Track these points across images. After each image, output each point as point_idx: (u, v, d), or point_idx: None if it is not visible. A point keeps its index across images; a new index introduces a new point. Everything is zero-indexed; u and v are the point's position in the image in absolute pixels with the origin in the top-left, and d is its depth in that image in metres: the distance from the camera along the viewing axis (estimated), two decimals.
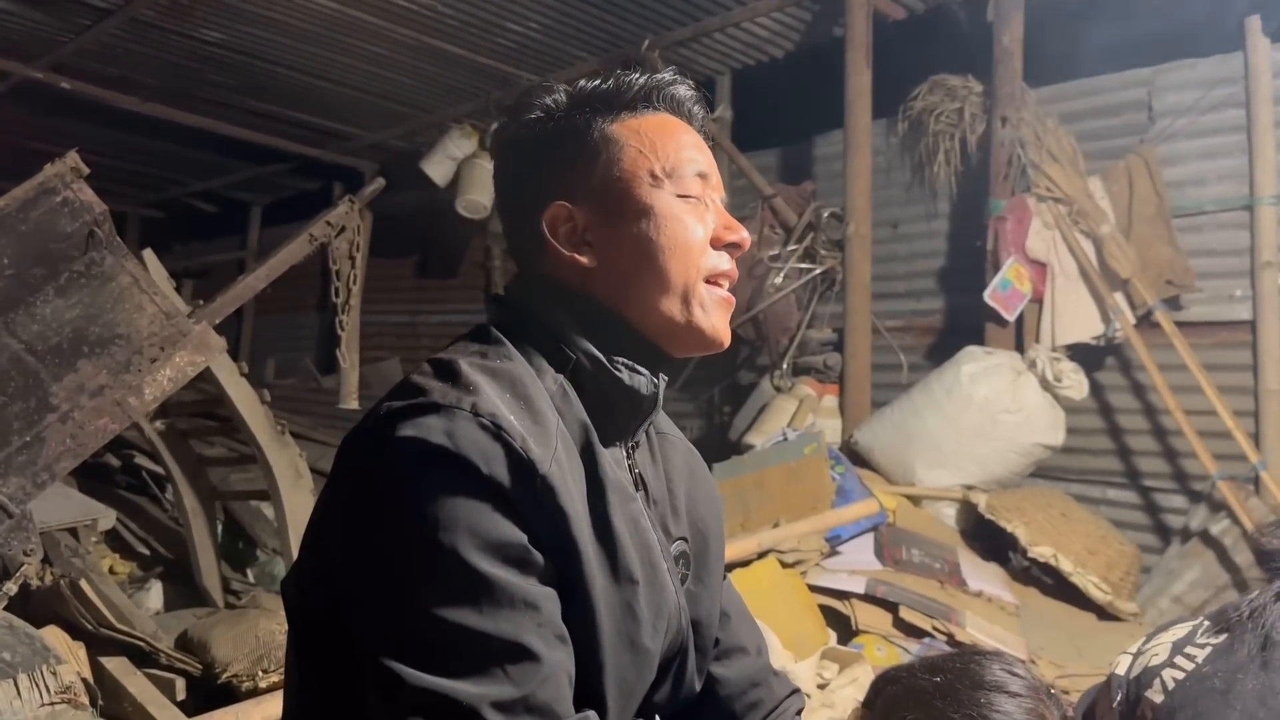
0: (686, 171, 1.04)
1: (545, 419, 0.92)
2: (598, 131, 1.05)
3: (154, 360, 2.94)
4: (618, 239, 1.03)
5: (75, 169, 2.78)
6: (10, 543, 2.72)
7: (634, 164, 1.03)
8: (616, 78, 1.08)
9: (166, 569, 4.43)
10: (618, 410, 1.03)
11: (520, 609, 0.85)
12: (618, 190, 1.03)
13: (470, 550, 0.83)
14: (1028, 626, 3.40)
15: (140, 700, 2.72)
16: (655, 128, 1.06)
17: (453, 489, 0.84)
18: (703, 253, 1.04)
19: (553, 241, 1.04)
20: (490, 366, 0.95)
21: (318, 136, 7.03)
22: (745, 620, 1.25)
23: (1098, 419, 4.50)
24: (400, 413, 0.88)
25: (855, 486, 3.72)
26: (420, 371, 0.96)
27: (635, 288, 1.02)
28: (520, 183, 1.09)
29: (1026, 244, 4.34)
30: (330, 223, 3.66)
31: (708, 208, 1.06)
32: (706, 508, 1.18)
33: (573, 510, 0.90)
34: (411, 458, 0.85)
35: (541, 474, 0.87)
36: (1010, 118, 4.45)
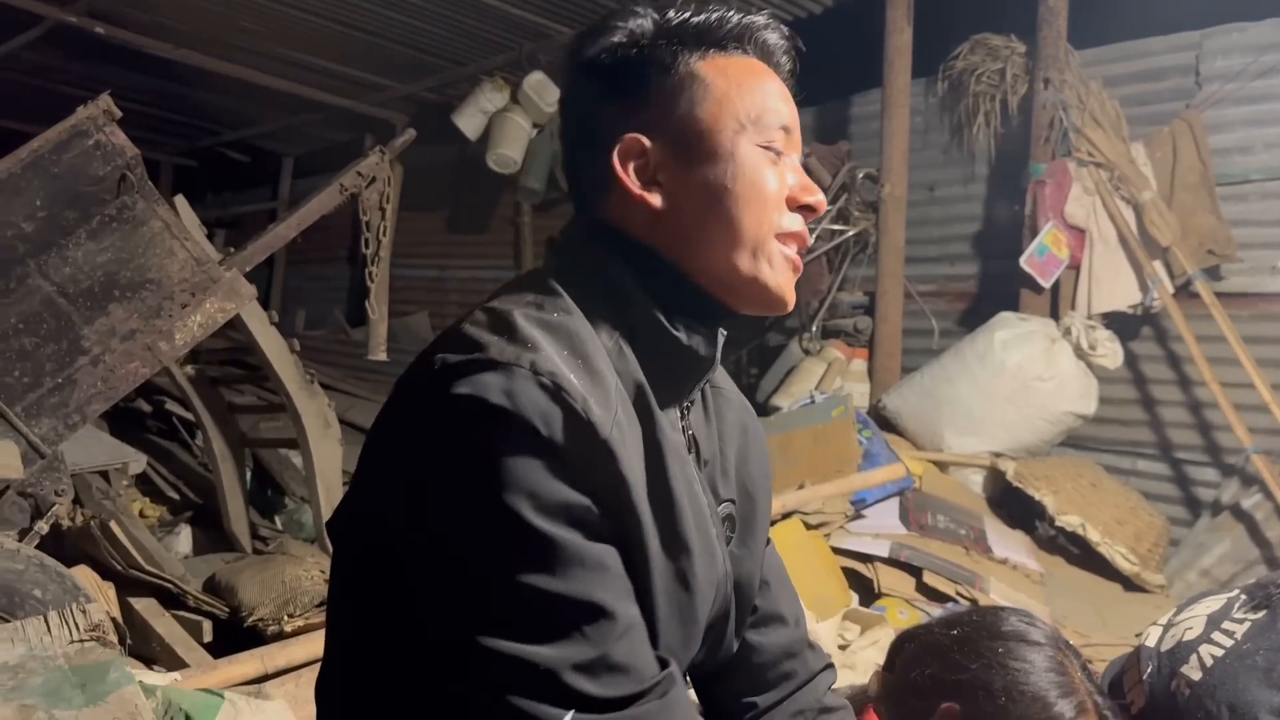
0: (771, 121, 0.98)
1: (604, 379, 0.88)
2: (684, 66, 0.99)
3: (184, 306, 2.95)
4: (691, 182, 0.97)
5: (108, 112, 2.77)
6: (42, 482, 2.75)
7: (718, 105, 0.97)
8: (710, 12, 1.01)
9: (196, 514, 4.49)
10: (675, 369, 0.99)
11: (590, 568, 0.82)
12: (698, 130, 0.97)
13: (534, 513, 0.80)
14: (1052, 595, 3.38)
15: (168, 640, 2.76)
16: (743, 71, 1.00)
17: (512, 451, 0.81)
18: (778, 208, 0.98)
19: (622, 177, 0.98)
20: (547, 320, 0.90)
21: (350, 87, 6.99)
22: (785, 589, 1.22)
23: (1131, 389, 4.43)
24: (456, 368, 0.84)
25: (882, 451, 3.69)
26: (473, 321, 0.91)
27: (703, 236, 0.97)
28: (591, 110, 1.02)
29: (1065, 209, 4.26)
30: (361, 173, 3.65)
31: (787, 164, 1.00)
32: (757, 468, 1.13)
33: (632, 477, 0.86)
34: (469, 417, 0.82)
35: (603, 438, 0.83)
36: (1053, 79, 4.35)
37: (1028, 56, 4.57)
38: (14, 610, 2.41)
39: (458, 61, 6.33)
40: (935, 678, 1.33)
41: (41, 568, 2.49)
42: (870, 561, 3.13)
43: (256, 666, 2.43)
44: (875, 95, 4.77)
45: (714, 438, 1.08)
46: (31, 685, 2.04)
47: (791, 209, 1.00)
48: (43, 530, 2.72)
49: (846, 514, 3.33)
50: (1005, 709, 1.25)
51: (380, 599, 0.89)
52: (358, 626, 0.94)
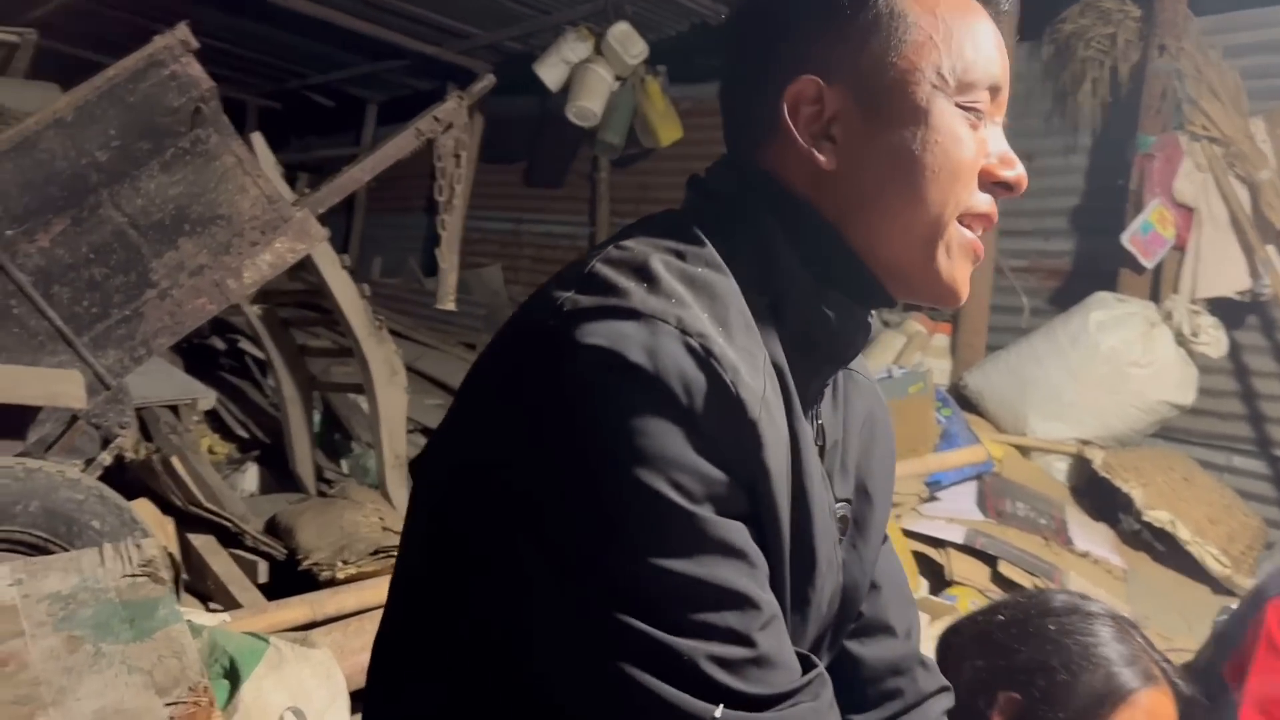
0: (979, 78, 0.83)
1: (752, 352, 0.76)
2: (885, 1, 0.83)
3: (254, 244, 2.91)
4: (873, 141, 0.82)
5: (184, 42, 2.73)
6: (106, 414, 2.75)
7: (919, 53, 0.81)
8: None
9: (263, 453, 4.52)
10: (817, 351, 0.86)
11: (733, 554, 0.72)
12: (890, 80, 0.82)
13: (672, 488, 0.70)
14: (1134, 594, 3.22)
15: (223, 579, 2.76)
16: (957, 11, 0.84)
17: (650, 416, 0.69)
18: (969, 185, 0.83)
19: (790, 125, 0.83)
20: (690, 274, 0.78)
21: (435, 34, 6.94)
22: (899, 596, 1.07)
23: (1232, 380, 4.19)
24: (589, 313, 0.73)
25: (961, 431, 3.54)
26: (606, 260, 0.78)
27: (876, 208, 0.83)
28: (764, 40, 0.86)
29: (1174, 185, 4.03)
30: (438, 118, 3.59)
31: (989, 132, 0.85)
32: (879, 466, 1.00)
33: (774, 466, 0.75)
34: (603, 373, 0.70)
35: (750, 418, 0.72)
36: (1169, 47, 4.10)
37: (1142, 21, 4.30)
38: (72, 540, 2.41)
39: (543, 10, 6.22)
40: (988, 668, 1.24)
41: (101, 499, 2.49)
42: (943, 547, 3.01)
43: (306, 612, 2.41)
44: None
45: (839, 426, 0.95)
46: (82, 616, 2.03)
47: (984, 186, 0.85)
48: (105, 462, 2.73)
49: (920, 495, 3.21)
50: (1068, 685, 1.17)
51: (478, 558, 0.78)
52: (445, 587, 0.81)
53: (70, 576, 2.10)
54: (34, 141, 2.63)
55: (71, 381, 2.56)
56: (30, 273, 2.64)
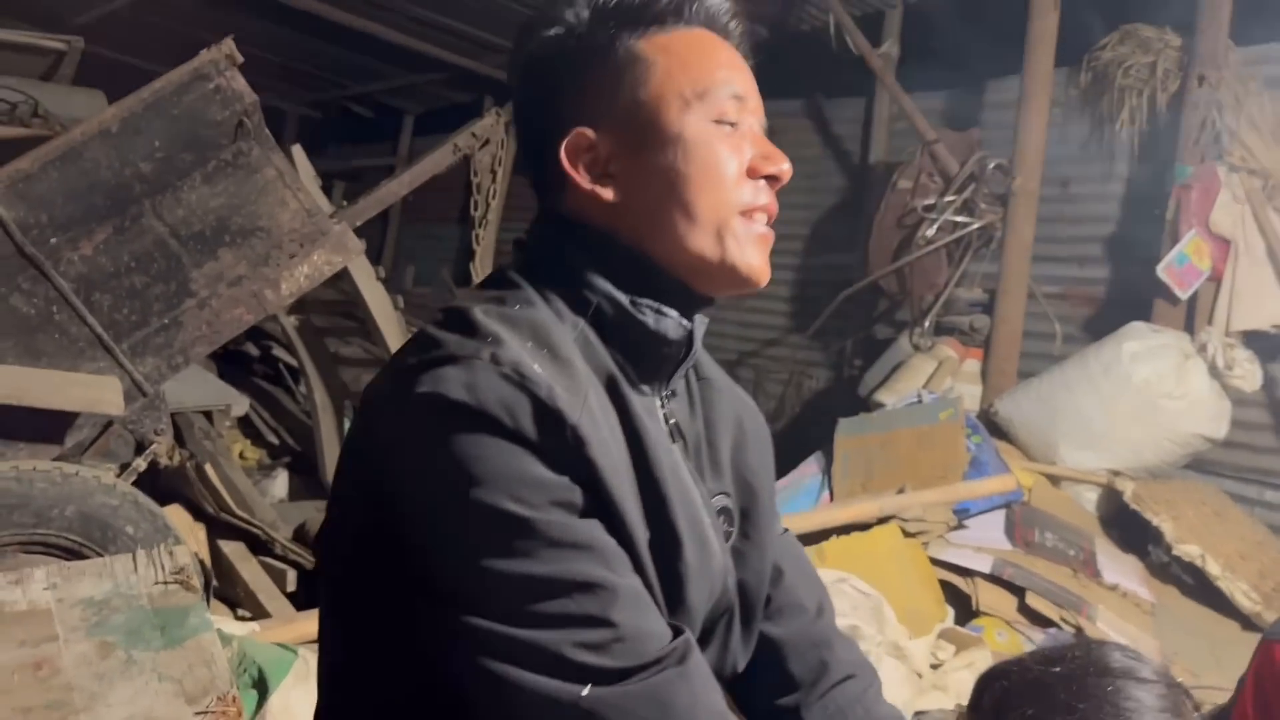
0: (721, 93, 0.93)
1: (572, 365, 0.86)
2: (622, 49, 0.94)
3: (292, 256, 2.95)
4: (643, 170, 0.93)
5: (229, 56, 2.77)
6: (142, 420, 2.80)
7: (661, 85, 0.93)
8: None
9: (294, 459, 4.57)
10: (646, 356, 0.95)
11: (580, 547, 0.80)
12: (643, 115, 0.93)
13: (510, 500, 0.78)
14: (1163, 628, 3.18)
15: (252, 587, 2.79)
16: (686, 44, 0.95)
17: (480, 443, 0.79)
18: (738, 184, 0.93)
19: (571, 174, 0.94)
20: (507, 314, 0.88)
21: (473, 48, 7.00)
22: (804, 576, 1.15)
23: (1266, 414, 4.14)
24: (416, 368, 0.83)
25: (991, 459, 3.52)
26: (434, 322, 0.90)
27: (663, 223, 0.92)
28: (538, 107, 0.98)
29: (1211, 217, 3.99)
30: (475, 134, 3.63)
31: (744, 134, 0.94)
32: (755, 459, 1.08)
33: (607, 462, 0.83)
34: (432, 415, 0.80)
35: (571, 423, 0.80)
36: (1209, 77, 4.06)
37: (1183, 51, 4.27)
38: (106, 545, 2.45)
39: None
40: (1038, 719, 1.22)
41: (135, 505, 2.53)
42: (970, 576, 2.98)
43: None
44: (1013, 83, 4.52)
45: (699, 427, 1.04)
46: (114, 622, 2.06)
47: (755, 179, 0.94)
48: (140, 467, 2.77)
49: (948, 524, 3.18)
50: None
51: (370, 610, 0.88)
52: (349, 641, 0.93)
53: (104, 582, 2.13)
54: (80, 151, 2.68)
55: (110, 388, 2.61)
56: (72, 280, 2.69)
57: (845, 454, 3.72)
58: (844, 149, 5.89)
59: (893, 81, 5.03)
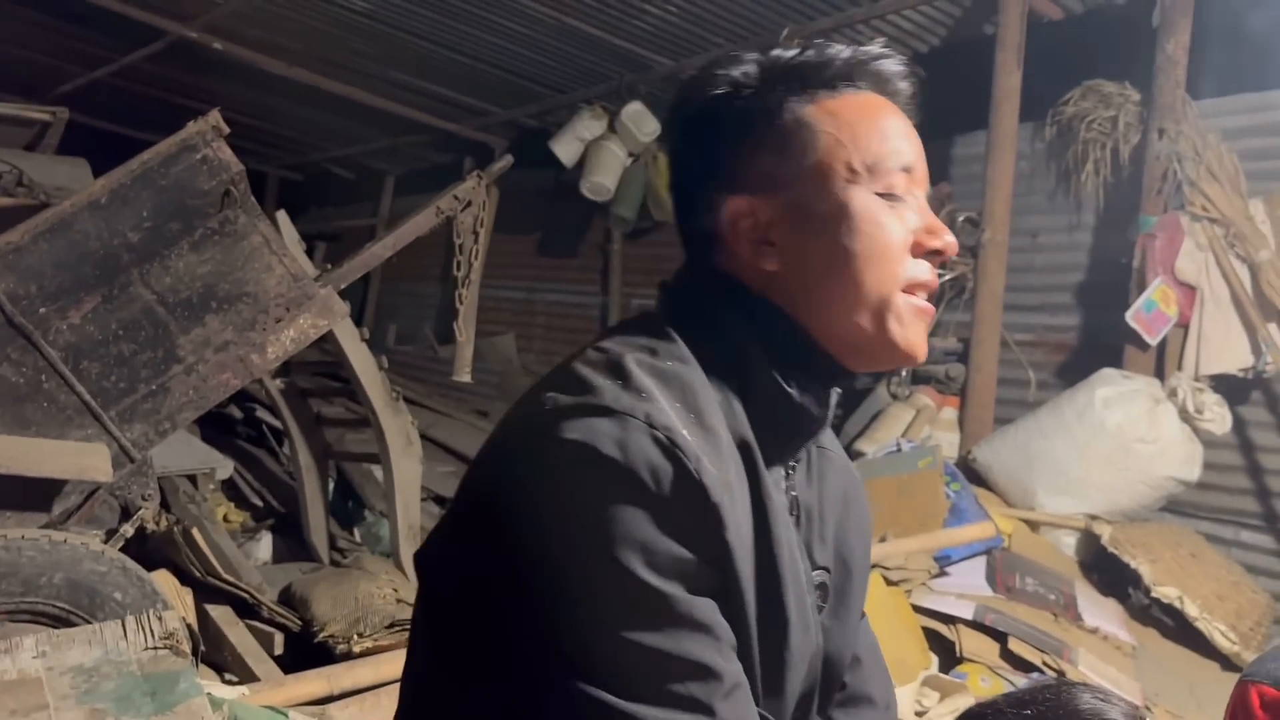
0: (890, 164, 0.91)
1: (718, 436, 0.84)
2: (790, 114, 0.92)
3: (279, 320, 3.00)
4: (805, 242, 0.91)
5: (216, 127, 2.84)
6: (130, 487, 2.82)
7: (829, 155, 0.91)
8: (817, 48, 0.95)
9: (278, 521, 4.57)
10: (784, 428, 0.93)
11: (698, 627, 0.79)
12: (808, 185, 0.91)
13: (644, 567, 0.77)
14: (1144, 670, 3.21)
15: (240, 651, 2.79)
16: (857, 111, 0.93)
17: (622, 502, 0.77)
18: (901, 259, 0.91)
19: (730, 240, 0.93)
20: (661, 369, 0.86)
21: (453, 111, 7.12)
22: (878, 669, 1.14)
23: (1237, 455, 4.21)
24: (568, 410, 0.81)
25: (970, 506, 3.56)
26: (585, 361, 0.88)
27: (823, 298, 0.91)
28: (696, 164, 0.97)
29: (1176, 265, 4.09)
30: (457, 197, 3.69)
31: (909, 207, 0.93)
32: (856, 536, 1.06)
33: (737, 543, 0.82)
34: (579, 465, 0.79)
35: (713, 501, 0.79)
36: (1168, 130, 4.19)
37: (1142, 105, 4.41)
38: (94, 611, 2.46)
39: (558, 89, 6.39)
40: None
41: (124, 571, 2.54)
42: (953, 623, 3.01)
43: (323, 686, 2.44)
44: (980, 137, 4.65)
45: (815, 500, 1.02)
46: (104, 690, 2.06)
47: (918, 256, 0.92)
48: (128, 533, 2.78)
49: (930, 571, 3.22)
50: None
51: (470, 639, 0.85)
52: (441, 665, 0.90)
53: (93, 649, 2.14)
54: (70, 223, 2.74)
55: (98, 455, 2.63)
56: (61, 349, 2.73)
57: None
58: None
59: None
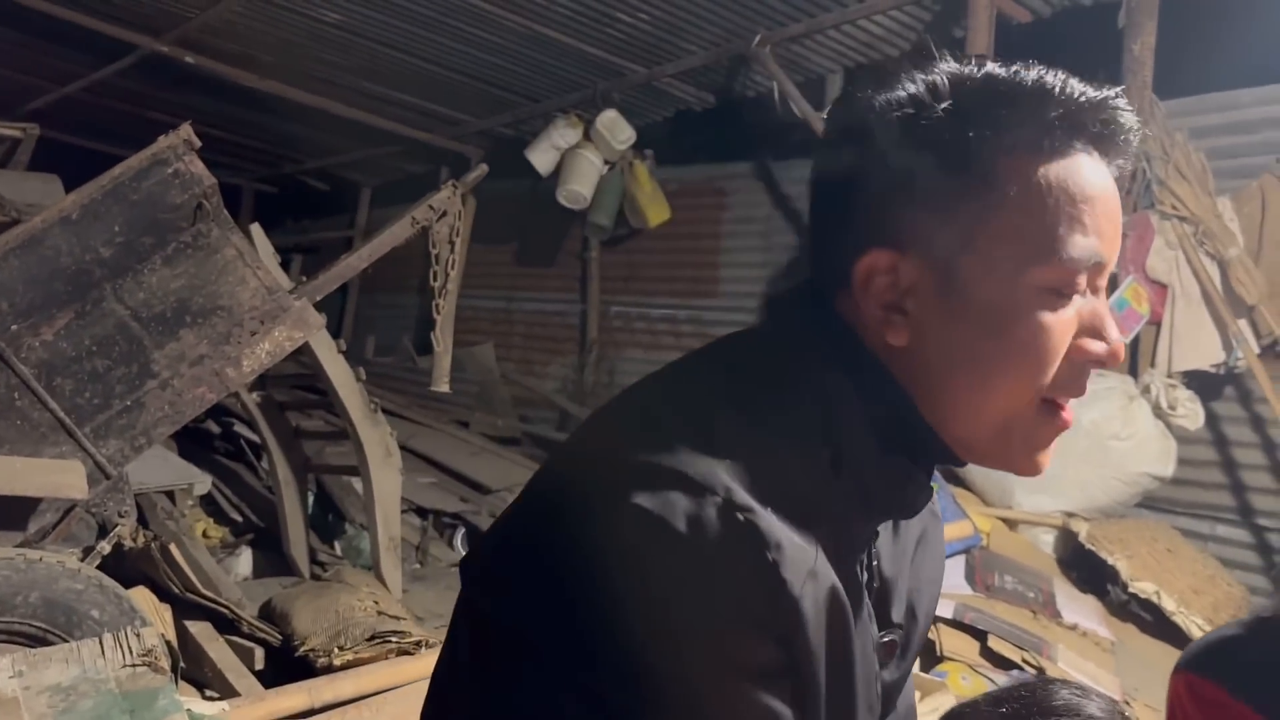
0: (1081, 257, 0.75)
1: (808, 519, 0.74)
2: (977, 164, 0.75)
3: (254, 333, 2.99)
4: (945, 324, 0.77)
5: (188, 141, 2.84)
6: (106, 503, 2.80)
7: (1008, 229, 0.74)
8: (1036, 82, 0.77)
9: (257, 536, 4.54)
10: (877, 507, 0.82)
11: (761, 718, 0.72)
12: (970, 259, 0.75)
13: (711, 659, 0.70)
14: (1123, 665, 3.24)
15: (220, 666, 2.77)
16: (1062, 180, 0.75)
17: (691, 587, 0.69)
18: (1048, 370, 0.76)
19: (859, 296, 0.79)
20: (752, 436, 0.75)
21: (427, 121, 7.12)
22: (910, 709, 1.05)
23: (1212, 451, 4.26)
24: (642, 474, 0.72)
25: (949, 506, 3.59)
26: (669, 401, 0.79)
27: (946, 388, 0.78)
28: (847, 190, 0.80)
29: (1147, 263, 4.14)
30: (433, 206, 3.69)
31: (1080, 304, 0.77)
32: (927, 583, 0.97)
33: (815, 640, 0.73)
34: (645, 535, 0.70)
35: (793, 596, 0.71)
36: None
37: None
38: (71, 630, 2.44)
39: (533, 98, 6.40)
40: None
41: (100, 588, 2.52)
42: (933, 622, 3.03)
43: (303, 700, 2.43)
44: None
45: (897, 558, 0.92)
46: (82, 708, 2.05)
47: (1077, 360, 0.77)
48: (104, 550, 2.76)
49: None
50: None
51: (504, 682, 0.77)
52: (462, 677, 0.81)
53: (71, 668, 2.13)
54: (40, 239, 2.72)
55: (73, 472, 2.62)
56: (33, 366, 2.71)
57: None
58: (793, 208, 6.04)
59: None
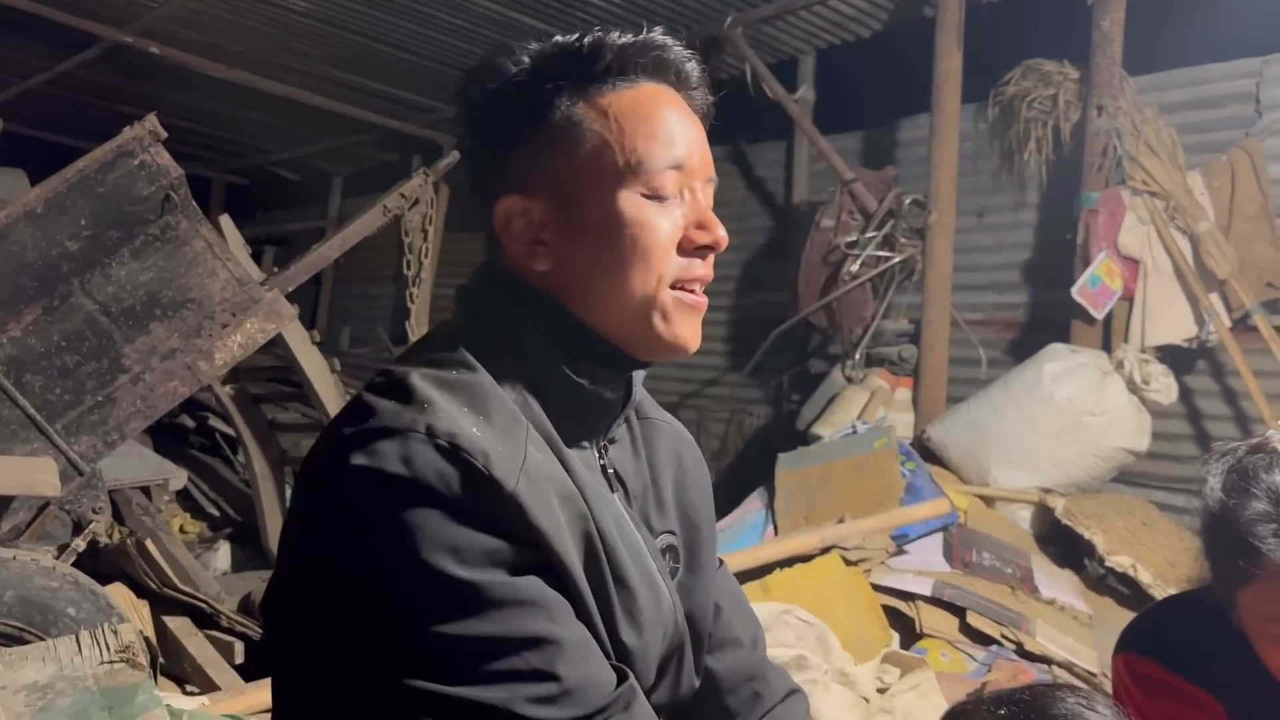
0: (655, 165, 0.90)
1: (510, 429, 0.86)
2: (560, 111, 0.91)
3: (225, 326, 2.96)
4: (574, 243, 0.92)
5: (153, 132, 2.80)
6: (80, 500, 2.77)
7: (595, 155, 0.90)
8: (591, 39, 0.91)
9: (235, 530, 4.51)
10: (583, 414, 0.96)
11: (523, 604, 0.81)
12: (576, 187, 0.91)
13: (453, 564, 0.79)
14: (1101, 638, 3.27)
15: (199, 661, 2.76)
16: (628, 107, 0.91)
17: (418, 514, 0.79)
18: (665, 259, 0.91)
19: (503, 239, 0.94)
20: (445, 378, 0.88)
21: (398, 109, 7.07)
22: (739, 609, 1.17)
23: (1185, 425, 4.31)
24: (353, 439, 0.83)
25: (926, 484, 3.61)
26: (371, 387, 0.90)
27: (593, 296, 0.92)
28: (478, 160, 0.97)
29: (1119, 239, 4.16)
30: (404, 195, 3.66)
31: (682, 201, 0.93)
32: (697, 494, 1.10)
33: (549, 523, 0.83)
34: (369, 488, 0.81)
35: (509, 491, 0.81)
36: (1107, 106, 4.26)
37: (1081, 83, 4.48)
38: (48, 628, 2.42)
39: None
40: None
41: (76, 585, 2.50)
42: (912, 600, 3.05)
43: None
44: (923, 120, 4.70)
45: (643, 470, 1.05)
46: (59, 706, 2.03)
47: (688, 250, 0.93)
48: (79, 548, 2.74)
49: (888, 550, 3.26)
50: None
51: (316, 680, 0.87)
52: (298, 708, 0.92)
53: (47, 666, 2.10)
54: (5, 234, 2.68)
55: (46, 469, 2.58)
56: (2, 363, 2.67)
57: (787, 489, 3.79)
58: (768, 190, 6.04)
59: (809, 125, 5.18)
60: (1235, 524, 1.25)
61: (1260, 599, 1.24)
